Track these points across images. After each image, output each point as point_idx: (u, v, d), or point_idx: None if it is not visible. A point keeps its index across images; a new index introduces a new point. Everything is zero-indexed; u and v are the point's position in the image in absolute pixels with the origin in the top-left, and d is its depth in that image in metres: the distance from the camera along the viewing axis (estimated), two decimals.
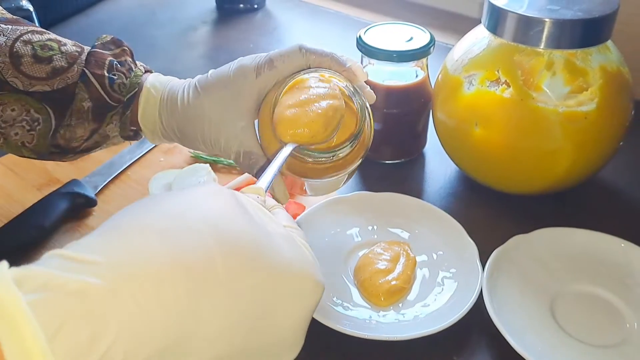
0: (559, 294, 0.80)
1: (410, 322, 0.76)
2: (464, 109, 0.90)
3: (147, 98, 0.79)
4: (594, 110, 0.84)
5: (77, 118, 0.76)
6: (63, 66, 0.76)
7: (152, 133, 0.80)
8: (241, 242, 0.49)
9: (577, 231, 0.86)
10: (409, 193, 0.93)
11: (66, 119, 0.76)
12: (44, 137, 0.77)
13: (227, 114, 0.74)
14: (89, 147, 0.80)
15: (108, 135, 0.79)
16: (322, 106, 0.68)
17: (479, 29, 0.92)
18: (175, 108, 0.77)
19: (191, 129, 0.76)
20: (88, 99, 0.76)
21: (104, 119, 0.77)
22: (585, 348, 0.73)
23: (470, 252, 0.83)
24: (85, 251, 0.44)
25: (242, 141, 0.74)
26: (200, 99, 0.75)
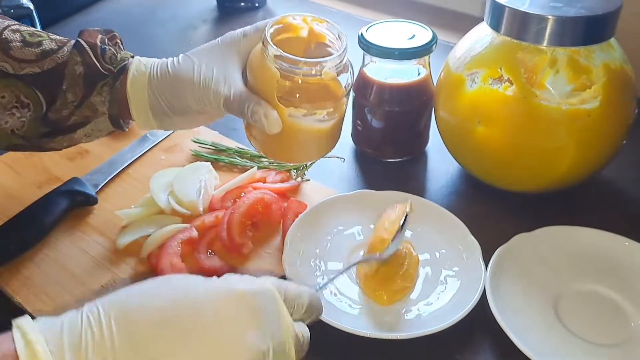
0: (562, 293, 0.80)
1: (413, 320, 0.76)
2: (467, 107, 0.90)
3: (137, 67, 0.80)
4: (597, 108, 0.83)
5: (69, 83, 0.77)
6: (53, 48, 0.78)
7: (139, 106, 0.80)
8: None
9: (581, 229, 0.86)
10: (412, 191, 0.93)
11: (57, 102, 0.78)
12: (34, 121, 0.78)
13: (216, 64, 0.78)
14: (78, 122, 0.80)
15: (97, 109, 0.80)
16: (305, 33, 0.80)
17: (482, 26, 0.91)
18: (165, 72, 0.79)
19: (181, 87, 0.78)
20: (80, 64, 0.77)
21: (94, 87, 0.78)
22: (589, 347, 0.73)
23: (473, 251, 0.83)
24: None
25: (232, 84, 0.77)
26: (191, 58, 0.79)
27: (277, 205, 0.91)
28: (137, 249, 0.85)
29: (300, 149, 0.83)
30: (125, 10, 1.55)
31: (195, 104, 0.79)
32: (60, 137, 0.81)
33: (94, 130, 0.82)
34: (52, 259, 0.84)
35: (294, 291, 0.60)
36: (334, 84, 0.78)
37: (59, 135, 0.81)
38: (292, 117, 0.77)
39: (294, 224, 0.87)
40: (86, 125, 0.81)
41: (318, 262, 0.84)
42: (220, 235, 0.86)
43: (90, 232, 0.89)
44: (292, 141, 0.80)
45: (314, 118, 0.78)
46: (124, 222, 0.89)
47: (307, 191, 0.97)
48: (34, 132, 0.79)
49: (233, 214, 0.87)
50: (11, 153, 1.03)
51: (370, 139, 1.05)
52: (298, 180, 0.98)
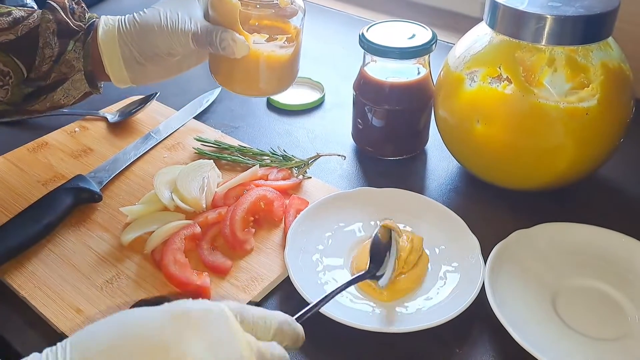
0: (560, 288, 0.81)
1: (413, 314, 0.77)
2: (466, 105, 0.91)
3: (106, 22, 0.88)
4: (595, 106, 0.84)
5: (44, 41, 0.83)
6: (22, 16, 0.84)
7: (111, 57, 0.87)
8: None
9: (578, 226, 0.87)
10: (411, 189, 0.94)
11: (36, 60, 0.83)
12: (17, 87, 0.84)
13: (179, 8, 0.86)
14: (57, 79, 0.86)
15: (73, 65, 0.86)
16: None
17: (481, 26, 0.92)
18: (133, 22, 0.86)
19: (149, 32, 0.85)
20: (53, 21, 0.84)
21: (68, 43, 0.85)
22: (586, 341, 0.74)
23: (472, 247, 0.84)
24: None
25: (197, 21, 0.85)
26: (155, 7, 0.87)
27: (279, 202, 0.92)
28: (141, 245, 0.86)
29: (264, 77, 0.91)
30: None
31: (164, 46, 0.86)
32: (43, 97, 0.87)
33: (71, 89, 0.88)
34: (57, 255, 0.85)
35: (259, 313, 0.59)
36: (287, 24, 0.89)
37: (42, 95, 0.87)
38: (256, 44, 0.87)
39: (296, 220, 0.88)
40: (64, 83, 0.87)
41: (320, 258, 0.85)
42: (223, 231, 0.87)
43: (94, 229, 0.90)
44: (257, 69, 0.89)
45: (275, 44, 0.88)
46: (128, 219, 0.90)
47: (309, 188, 0.98)
48: (17, 97, 0.85)
49: (235, 210, 0.88)
50: (17, 152, 1.05)
51: (370, 137, 1.06)
52: (299, 177, 0.99)
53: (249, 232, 0.87)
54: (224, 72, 0.92)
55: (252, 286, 0.81)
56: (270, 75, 0.92)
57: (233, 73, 0.91)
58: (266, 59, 0.89)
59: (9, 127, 1.13)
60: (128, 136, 1.09)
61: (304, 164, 1.00)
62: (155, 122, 1.13)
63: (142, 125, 1.13)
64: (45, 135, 1.09)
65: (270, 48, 0.88)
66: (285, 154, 1.03)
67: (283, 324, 0.60)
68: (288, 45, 0.89)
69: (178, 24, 0.85)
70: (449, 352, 0.74)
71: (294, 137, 1.12)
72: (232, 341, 0.55)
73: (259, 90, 0.94)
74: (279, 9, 0.87)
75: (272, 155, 1.03)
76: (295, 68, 0.94)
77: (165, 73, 0.93)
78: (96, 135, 1.10)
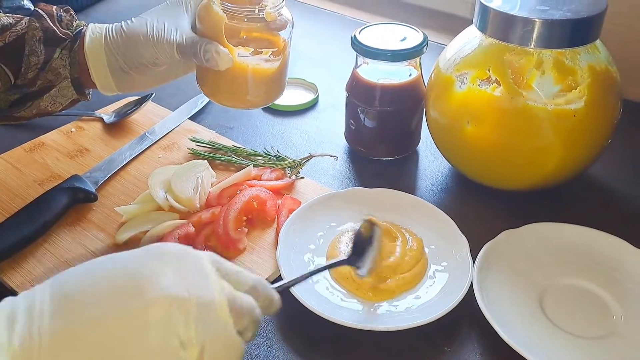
0: (547, 287, 0.82)
1: (402, 313, 0.78)
2: (456, 107, 0.92)
3: (94, 30, 0.88)
4: (583, 108, 0.86)
5: (30, 48, 0.85)
6: (10, 23, 0.86)
7: (97, 65, 0.87)
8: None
9: (566, 226, 0.88)
10: (403, 189, 0.95)
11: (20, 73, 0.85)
12: (3, 93, 0.86)
13: (166, 19, 0.87)
14: (43, 86, 0.87)
15: (59, 72, 0.87)
16: None
17: (471, 29, 0.94)
18: (120, 31, 0.87)
19: (136, 41, 0.86)
20: (39, 29, 0.86)
21: (54, 50, 0.86)
22: (573, 339, 0.75)
23: (461, 246, 0.85)
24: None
25: (183, 32, 0.86)
26: (143, 17, 0.88)
27: (272, 202, 0.93)
28: (136, 244, 0.87)
29: (250, 90, 0.91)
30: (125, 12, 1.57)
31: (150, 55, 0.86)
32: (29, 104, 0.88)
33: (58, 96, 0.89)
34: (53, 254, 0.86)
35: (235, 268, 0.60)
36: (275, 36, 0.89)
37: (28, 102, 0.88)
38: (241, 57, 0.87)
39: (288, 220, 0.89)
40: (51, 90, 0.88)
41: (311, 257, 0.86)
42: (217, 231, 0.88)
43: (90, 228, 0.91)
44: (242, 81, 0.90)
45: (260, 57, 0.88)
46: (123, 218, 0.92)
47: (301, 189, 0.99)
48: (4, 103, 0.87)
49: (229, 210, 0.89)
50: (13, 152, 1.06)
51: (363, 138, 1.07)
52: (292, 178, 1.00)
53: (241, 232, 0.89)
54: (209, 84, 0.92)
55: None
56: (256, 88, 0.92)
57: (219, 85, 0.91)
58: (251, 72, 0.89)
59: (6, 128, 1.14)
60: (124, 137, 1.11)
61: (296, 164, 1.01)
62: (150, 122, 1.15)
63: (137, 125, 1.14)
64: (41, 136, 1.11)
65: (256, 61, 0.88)
66: (279, 155, 1.04)
67: (258, 282, 0.61)
68: (274, 59, 0.89)
69: (164, 35, 0.86)
70: (437, 351, 0.76)
71: (287, 138, 1.13)
72: (205, 280, 0.56)
73: (245, 102, 0.93)
74: (267, 22, 0.87)
75: (266, 156, 1.04)
76: (282, 81, 0.95)
77: (151, 82, 0.93)
78: (92, 136, 1.11)
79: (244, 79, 0.89)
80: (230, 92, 0.92)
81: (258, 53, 0.88)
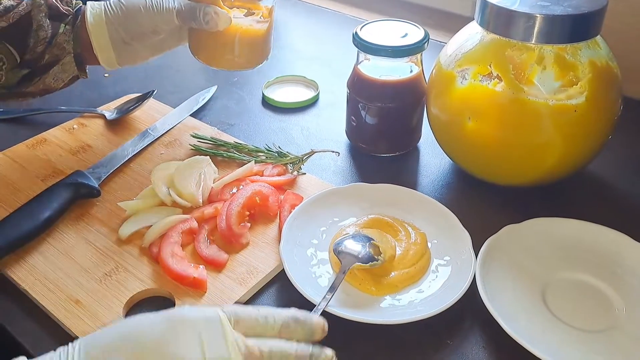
0: (549, 281, 0.83)
1: (405, 306, 0.78)
2: (457, 102, 0.93)
3: (93, 5, 0.95)
4: (583, 103, 0.86)
5: (37, 24, 0.91)
6: (12, 5, 0.91)
7: (99, 38, 0.95)
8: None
9: (567, 221, 0.89)
10: (404, 185, 0.96)
11: (29, 48, 0.91)
12: (11, 70, 0.92)
13: None
14: (50, 61, 0.94)
15: (64, 47, 0.94)
16: None
17: (472, 25, 0.94)
18: (118, 3, 0.95)
19: (135, 11, 0.94)
20: (44, 5, 0.92)
21: (59, 26, 0.93)
22: (575, 332, 0.76)
23: (463, 241, 0.85)
24: None
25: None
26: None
27: (274, 198, 0.93)
28: (139, 238, 0.88)
29: (242, 51, 1.00)
30: None
31: (150, 24, 0.95)
32: (36, 80, 0.95)
33: (60, 72, 0.96)
34: (56, 249, 0.87)
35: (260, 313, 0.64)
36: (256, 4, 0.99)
37: (35, 77, 0.95)
38: (236, 18, 0.96)
39: (291, 215, 0.90)
40: (56, 66, 0.95)
41: (314, 252, 0.86)
42: (219, 225, 0.88)
43: (93, 223, 0.91)
44: (235, 43, 0.99)
45: (253, 18, 0.98)
46: (126, 213, 0.92)
47: (303, 184, 1.00)
48: (13, 80, 0.93)
49: (231, 205, 0.89)
50: (16, 148, 1.06)
51: (364, 134, 1.07)
52: (294, 173, 1.00)
53: (244, 227, 0.89)
54: (203, 48, 1.01)
55: (247, 279, 0.82)
56: (248, 49, 1.01)
57: (214, 48, 1.00)
58: (244, 32, 0.98)
59: (8, 124, 1.14)
60: (126, 133, 1.11)
61: (298, 160, 1.02)
62: (152, 119, 1.15)
63: (139, 122, 1.14)
64: (43, 132, 1.11)
65: (248, 22, 0.98)
66: (280, 151, 1.04)
67: (289, 320, 0.64)
68: (263, 21, 0.99)
69: (162, 3, 0.94)
70: (440, 344, 0.76)
71: (289, 135, 1.13)
72: (220, 341, 0.59)
73: (237, 63, 1.02)
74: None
75: (268, 152, 1.04)
76: (269, 44, 1.04)
77: (150, 52, 1.01)
78: (94, 132, 1.12)
79: (236, 39, 0.99)
80: (224, 54, 1.01)
81: (250, 14, 0.99)
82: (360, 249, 0.82)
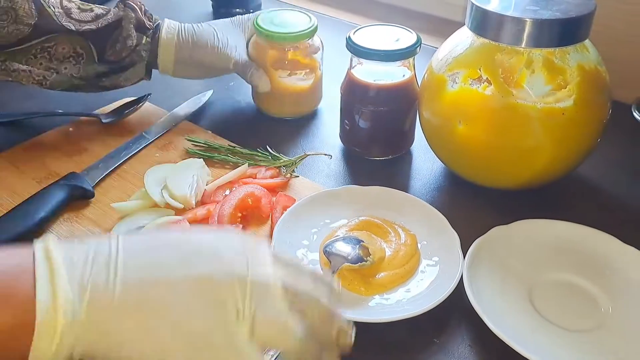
0: (536, 281, 0.83)
1: (393, 305, 0.79)
2: (448, 106, 0.94)
3: (169, 25, 1.11)
4: (572, 106, 0.87)
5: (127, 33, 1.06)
6: (102, 12, 1.07)
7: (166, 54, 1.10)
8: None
9: (555, 222, 0.90)
10: (397, 188, 0.96)
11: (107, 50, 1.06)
12: (88, 65, 1.05)
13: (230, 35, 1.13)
14: (128, 63, 1.08)
15: (142, 55, 1.08)
16: None
17: (463, 30, 0.95)
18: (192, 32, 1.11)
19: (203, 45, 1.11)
20: (134, 18, 1.07)
21: (142, 37, 1.08)
22: (562, 332, 0.77)
23: (452, 242, 0.86)
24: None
25: (241, 52, 1.14)
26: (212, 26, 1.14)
27: (267, 199, 0.94)
28: None
29: (289, 102, 1.19)
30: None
31: (210, 61, 1.11)
32: (112, 76, 1.08)
33: (132, 74, 1.10)
34: None
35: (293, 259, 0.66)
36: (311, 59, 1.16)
37: (112, 74, 1.08)
38: (281, 77, 1.15)
39: (283, 216, 0.90)
40: (130, 68, 1.09)
41: (305, 253, 0.87)
42: None
43: (87, 224, 0.92)
44: (283, 96, 1.17)
45: (296, 77, 1.15)
46: (119, 215, 0.93)
47: (296, 187, 1.01)
48: (90, 73, 1.06)
49: (224, 206, 0.90)
50: (12, 151, 1.08)
51: (357, 137, 1.08)
52: (287, 176, 1.01)
53: (236, 228, 0.90)
54: (261, 99, 1.20)
55: None
56: (293, 103, 1.19)
57: (266, 100, 1.19)
58: (289, 89, 1.16)
59: (5, 127, 1.15)
60: (121, 136, 1.12)
61: (291, 163, 1.03)
62: (147, 123, 1.16)
63: (134, 125, 1.15)
64: (39, 135, 1.12)
65: (292, 81, 1.15)
66: (274, 154, 1.05)
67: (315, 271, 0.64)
68: (306, 78, 1.16)
69: (227, 49, 1.11)
70: (427, 342, 0.77)
71: (282, 138, 1.14)
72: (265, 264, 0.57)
73: (284, 113, 1.20)
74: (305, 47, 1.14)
75: (261, 155, 1.05)
76: (315, 94, 1.21)
77: (202, 75, 1.17)
78: (90, 135, 1.12)
79: (284, 94, 1.17)
80: (275, 105, 1.19)
81: (294, 74, 1.15)
82: (350, 250, 0.83)
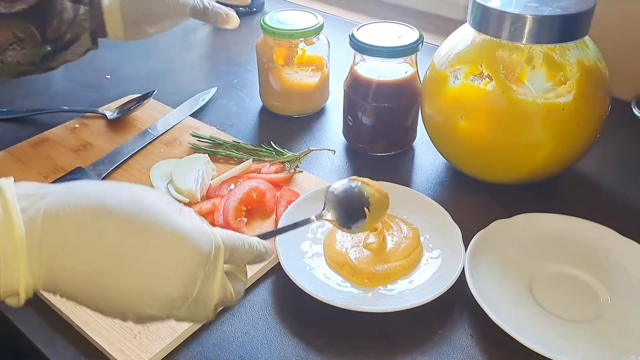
0: (536, 273, 0.85)
1: (395, 296, 0.80)
2: (450, 102, 0.95)
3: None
4: (571, 102, 0.88)
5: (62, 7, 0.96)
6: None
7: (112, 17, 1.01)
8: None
9: (554, 216, 0.91)
10: (400, 183, 0.98)
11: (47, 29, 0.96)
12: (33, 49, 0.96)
13: None
14: (71, 39, 0.99)
15: (83, 26, 0.99)
16: None
17: (465, 26, 0.96)
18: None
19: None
20: None
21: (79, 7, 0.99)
22: (561, 322, 0.78)
23: (454, 235, 0.87)
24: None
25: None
26: None
27: (271, 194, 0.95)
28: None
29: (297, 101, 1.19)
30: None
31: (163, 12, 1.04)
32: (57, 56, 1.00)
33: (78, 47, 1.01)
34: None
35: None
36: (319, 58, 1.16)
37: (57, 54, 0.99)
38: (288, 74, 1.15)
39: (287, 210, 0.92)
40: (75, 42, 1.00)
41: (309, 246, 0.88)
42: (217, 220, 0.90)
43: None
44: (292, 94, 1.18)
45: (304, 74, 1.16)
46: None
47: (300, 182, 1.02)
48: (36, 58, 0.97)
49: (229, 200, 0.91)
50: (19, 146, 1.09)
51: (360, 134, 1.10)
52: (291, 171, 1.03)
53: (241, 222, 0.91)
54: (265, 95, 1.21)
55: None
56: (304, 98, 1.19)
57: (273, 98, 1.19)
58: (297, 86, 1.16)
59: (11, 124, 1.17)
60: (126, 132, 1.13)
61: (295, 158, 1.04)
62: (152, 119, 1.17)
63: (139, 122, 1.17)
64: (46, 131, 1.13)
65: (299, 77, 1.16)
66: (278, 149, 1.06)
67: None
68: (314, 75, 1.17)
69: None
70: (429, 332, 0.78)
71: (286, 134, 1.16)
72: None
73: (291, 111, 1.20)
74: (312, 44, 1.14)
75: (265, 150, 1.07)
76: (323, 91, 1.21)
77: (154, 32, 1.07)
78: (95, 132, 1.14)
79: (293, 92, 1.17)
80: (285, 103, 1.19)
81: (300, 71, 1.16)
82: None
